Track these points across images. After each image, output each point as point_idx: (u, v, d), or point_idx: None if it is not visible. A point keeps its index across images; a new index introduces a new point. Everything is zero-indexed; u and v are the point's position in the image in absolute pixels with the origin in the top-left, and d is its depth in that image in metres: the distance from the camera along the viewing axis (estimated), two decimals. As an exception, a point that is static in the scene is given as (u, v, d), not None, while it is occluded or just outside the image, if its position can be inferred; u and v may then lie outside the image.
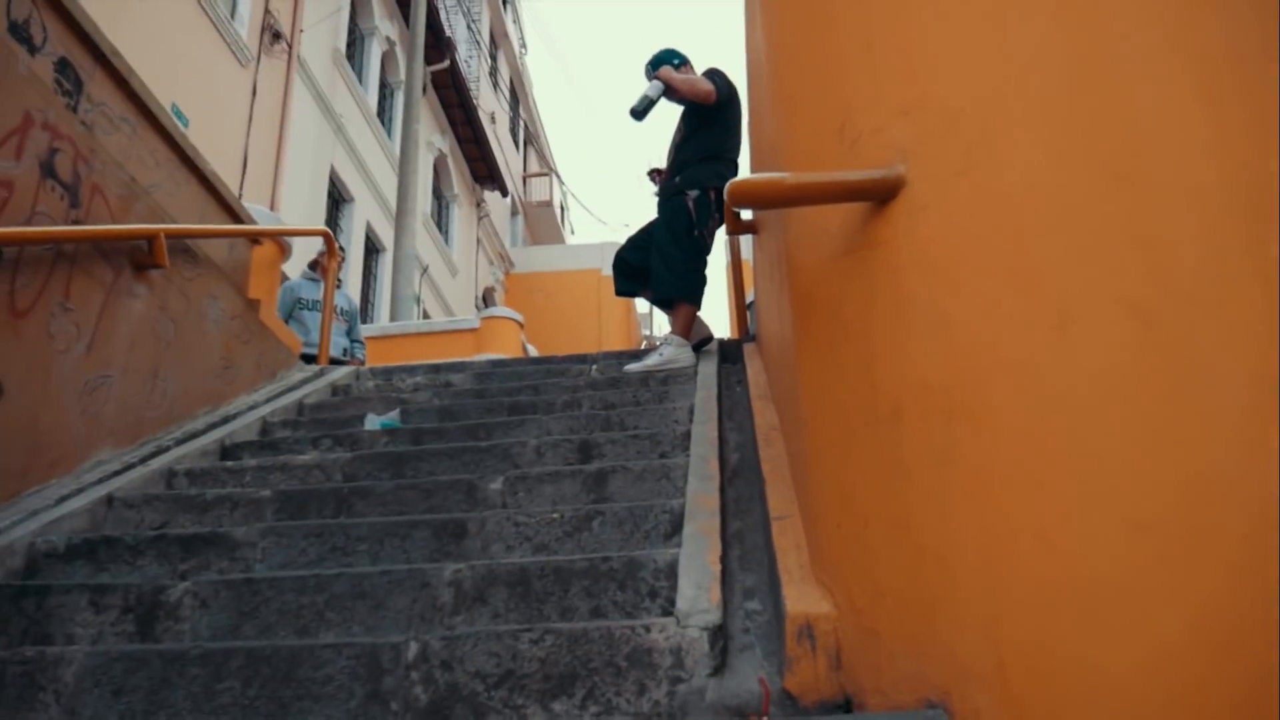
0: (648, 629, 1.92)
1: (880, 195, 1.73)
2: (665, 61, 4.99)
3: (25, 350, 3.19)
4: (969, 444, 1.47)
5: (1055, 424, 1.32)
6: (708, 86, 4.76)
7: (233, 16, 11.36)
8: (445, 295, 18.21)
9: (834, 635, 1.83)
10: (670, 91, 4.81)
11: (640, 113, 4.81)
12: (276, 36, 12.28)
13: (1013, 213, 1.47)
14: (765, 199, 1.92)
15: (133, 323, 3.83)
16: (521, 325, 11.64)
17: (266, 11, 12.13)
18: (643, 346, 23.06)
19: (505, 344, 11.03)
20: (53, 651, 2.05)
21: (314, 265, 7.24)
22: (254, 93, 11.63)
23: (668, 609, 2.17)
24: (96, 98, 3.90)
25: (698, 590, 2.04)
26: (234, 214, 5.10)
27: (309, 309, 7.00)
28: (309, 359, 6.19)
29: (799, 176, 1.83)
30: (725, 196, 1.96)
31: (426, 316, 15.94)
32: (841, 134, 1.91)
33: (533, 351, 11.80)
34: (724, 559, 2.31)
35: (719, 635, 1.92)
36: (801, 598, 1.91)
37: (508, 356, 9.76)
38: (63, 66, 3.68)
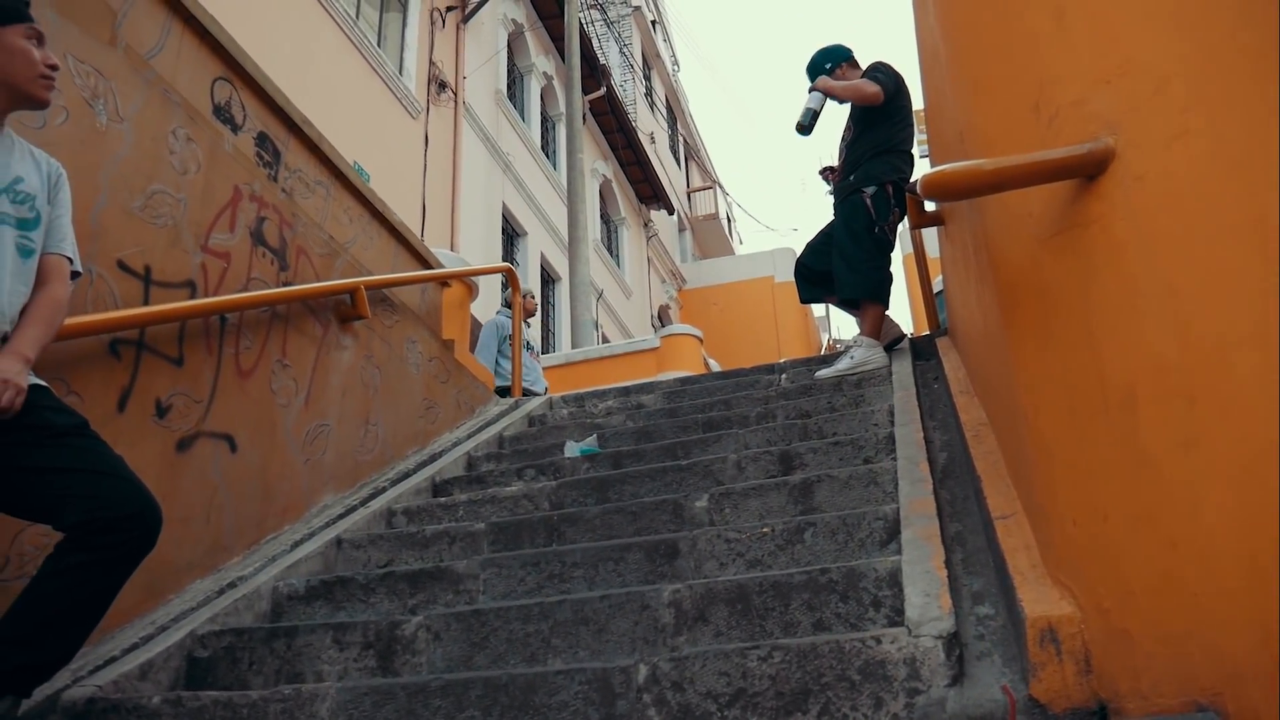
0: (878, 640, 1.87)
1: (1088, 171, 1.63)
2: (820, 67, 4.93)
3: (252, 407, 3.42)
4: (1216, 425, 1.36)
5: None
6: (873, 89, 4.65)
7: (400, 72, 11.94)
8: (621, 317, 18.50)
9: (1080, 638, 1.72)
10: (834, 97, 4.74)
11: (806, 127, 4.74)
12: (442, 86, 12.83)
13: (1238, 172, 1.36)
14: (963, 189, 1.85)
15: (343, 372, 4.05)
16: (701, 340, 11.68)
17: (431, 63, 12.70)
18: (824, 351, 22.77)
19: (687, 360, 11.09)
20: (307, 689, 2.17)
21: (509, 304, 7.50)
22: (426, 142, 12.17)
23: (894, 619, 2.11)
24: (293, 165, 4.16)
25: (926, 598, 1.98)
26: (423, 260, 5.33)
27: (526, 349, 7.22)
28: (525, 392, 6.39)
29: (997, 162, 1.75)
30: (919, 190, 1.90)
31: (606, 340, 16.22)
32: (1037, 111, 1.82)
33: (715, 366, 11.82)
34: (947, 563, 2.23)
35: (954, 643, 1.85)
36: (1039, 600, 1.82)
37: (692, 373, 9.80)
38: (261, 140, 3.94)
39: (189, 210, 3.21)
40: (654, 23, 25.25)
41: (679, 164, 26.55)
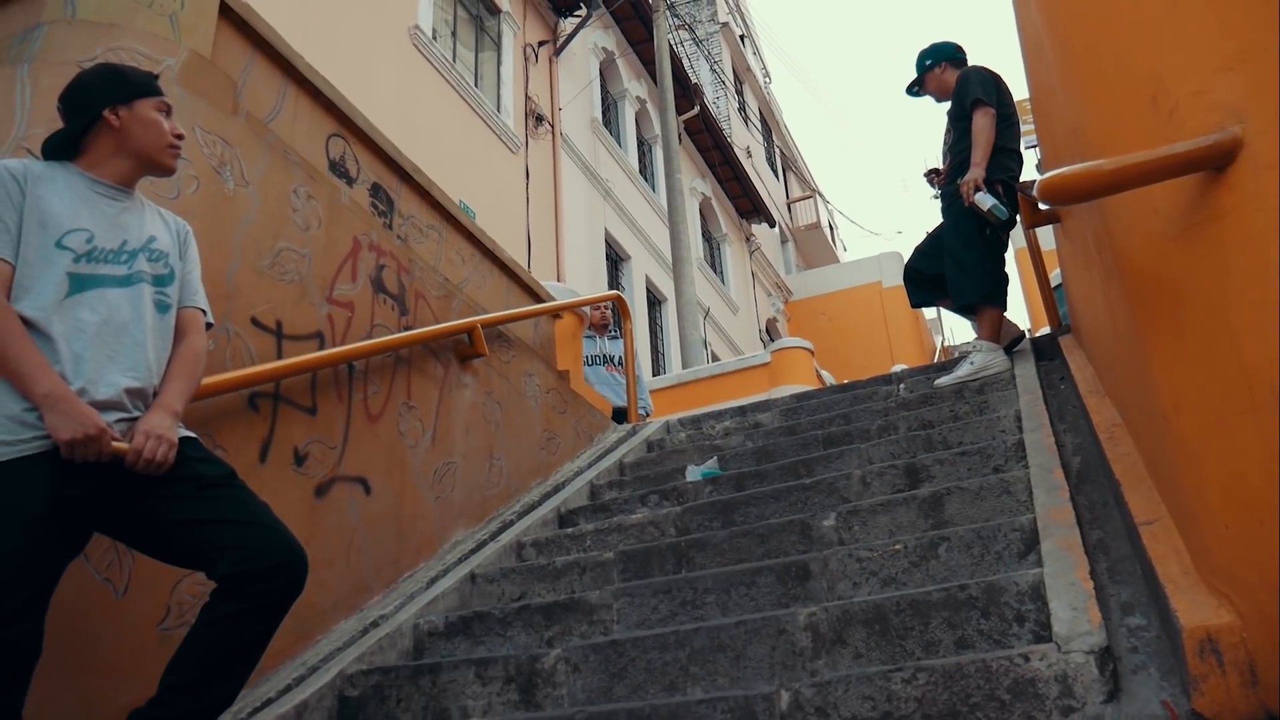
0: (1026, 658, 1.82)
1: (1215, 162, 1.58)
2: (922, 65, 4.90)
3: (383, 450, 3.53)
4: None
5: None
6: (985, 121, 4.54)
7: (498, 109, 12.21)
8: (729, 334, 18.46)
9: (1242, 648, 1.65)
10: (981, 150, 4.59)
11: (1005, 223, 4.56)
12: (539, 119, 13.07)
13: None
14: (1083, 191, 1.80)
15: (465, 410, 4.14)
16: (812, 352, 11.57)
17: (527, 98, 12.96)
18: (937, 356, 22.31)
19: (799, 374, 10.99)
20: (455, 726, 2.22)
21: (589, 325, 7.59)
22: (527, 175, 12.41)
23: (1041, 634, 2.06)
24: (406, 212, 4.30)
25: (1074, 611, 1.92)
26: (534, 294, 5.43)
27: (588, 364, 7.30)
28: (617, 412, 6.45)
29: (1118, 161, 1.70)
30: (1036, 195, 1.86)
31: (715, 358, 16.21)
32: (1155, 104, 1.77)
33: (828, 377, 11.69)
34: (1092, 573, 2.16)
35: (1107, 657, 1.79)
36: (1195, 608, 1.75)
37: (806, 387, 9.72)
38: (375, 190, 4.08)
39: (313, 264, 3.34)
40: (742, 37, 25.25)
41: (777, 176, 26.43)
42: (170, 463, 2.07)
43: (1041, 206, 3.80)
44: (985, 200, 4.42)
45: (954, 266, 4.63)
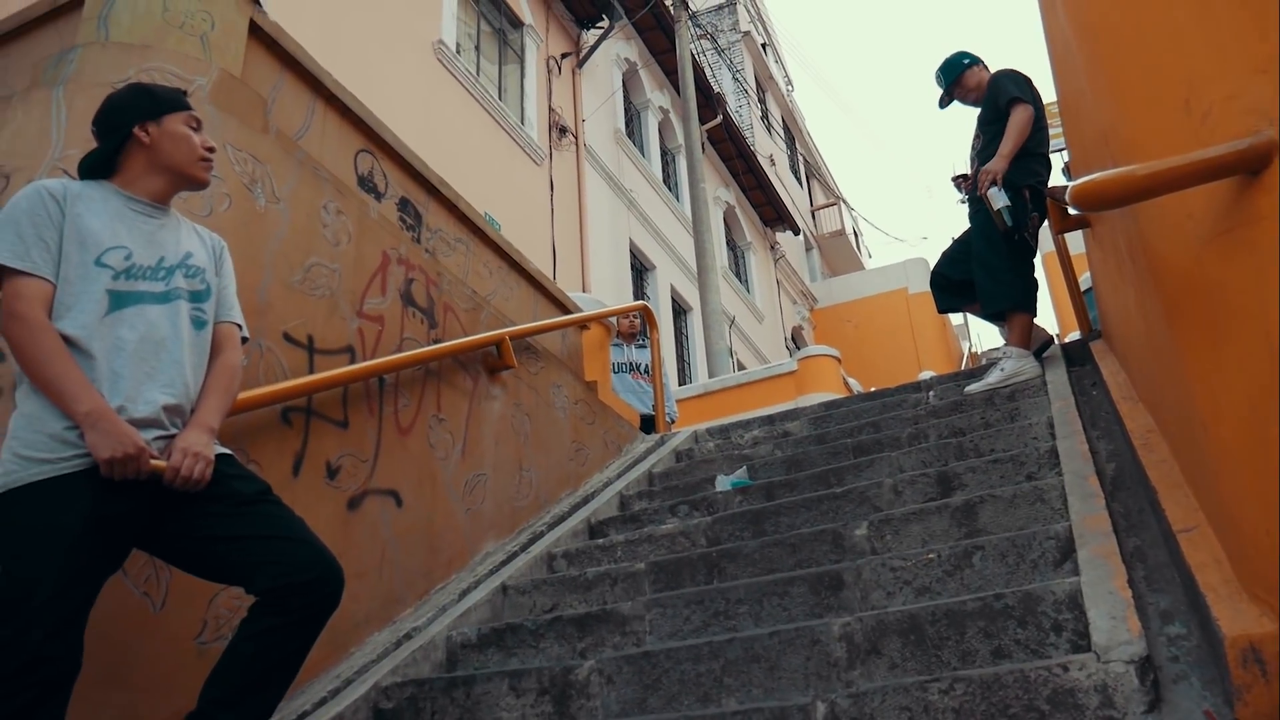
0: (1065, 668, 1.81)
1: (1250, 166, 1.56)
2: (945, 78, 4.88)
3: (413, 463, 3.54)
4: None
5: None
6: (1025, 115, 4.52)
7: (522, 122, 12.28)
8: (755, 343, 18.44)
9: (1286, 656, 1.63)
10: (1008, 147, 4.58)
11: (1017, 226, 4.55)
12: (563, 131, 13.13)
13: None
14: (1116, 198, 1.79)
15: (494, 422, 4.16)
16: (839, 360, 11.53)
17: (550, 110, 13.02)
18: (964, 362, 22.17)
19: (826, 381, 10.96)
20: (490, 738, 2.23)
21: (616, 333, 7.61)
22: (551, 187, 12.46)
23: (1078, 643, 2.04)
24: (433, 226, 4.33)
25: (1113, 620, 1.90)
26: (561, 305, 5.45)
27: (614, 371, 7.31)
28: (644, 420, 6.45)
29: (1151, 166, 1.69)
30: (1068, 201, 1.85)
31: (741, 367, 16.19)
32: (1188, 109, 1.76)
33: (855, 385, 11.64)
34: (1130, 582, 2.14)
35: (1148, 667, 1.78)
36: (1237, 617, 1.72)
37: (834, 395, 9.68)
38: (403, 205, 4.11)
39: (343, 279, 3.37)
40: (764, 45, 25.26)
41: (801, 183, 26.39)
42: (207, 480, 2.09)
43: (1072, 212, 3.78)
44: (998, 199, 4.41)
45: (983, 272, 4.60)
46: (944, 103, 5.00)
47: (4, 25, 3.28)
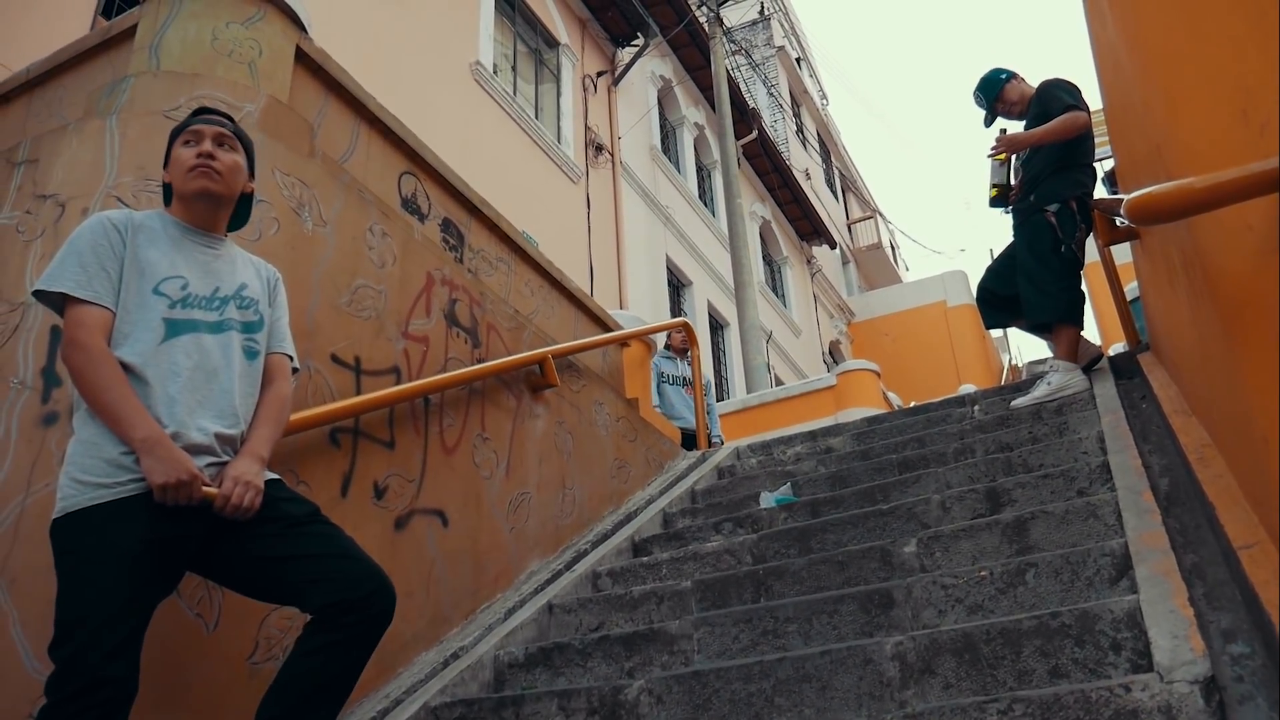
0: (1127, 688, 1.77)
1: (1312, 177, 1.53)
2: (985, 96, 4.85)
3: (459, 482, 3.56)
4: None
5: None
6: (1081, 121, 4.49)
7: (559, 140, 12.35)
8: (792, 357, 18.36)
9: (1357, 677, 1.59)
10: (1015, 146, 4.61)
11: (1001, 200, 4.59)
12: (599, 149, 13.19)
13: None
14: (1174, 210, 1.76)
15: (537, 440, 4.17)
16: (878, 374, 11.45)
17: (587, 128, 13.09)
18: (1005, 376, 21.93)
19: (865, 396, 10.89)
20: (541, 759, 2.22)
21: (668, 345, 7.60)
22: (588, 204, 12.51)
23: (1139, 663, 2.00)
24: (476, 246, 4.35)
25: (1174, 639, 1.87)
26: (601, 323, 5.46)
27: (669, 383, 7.31)
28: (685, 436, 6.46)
29: (1210, 179, 1.66)
30: (1124, 214, 1.82)
31: (779, 382, 16.12)
32: (1246, 119, 1.73)
33: (894, 399, 11.56)
34: (1190, 600, 2.09)
35: (1212, 688, 1.74)
36: (1305, 637, 1.69)
37: (873, 410, 9.61)
38: (446, 226, 4.14)
39: (389, 300, 3.40)
40: (799, 60, 25.25)
41: (836, 197, 26.31)
42: (257, 508, 2.11)
43: (1121, 224, 3.73)
44: (997, 173, 4.44)
45: (1028, 285, 4.55)
46: (989, 121, 4.96)
47: (59, 56, 3.36)
